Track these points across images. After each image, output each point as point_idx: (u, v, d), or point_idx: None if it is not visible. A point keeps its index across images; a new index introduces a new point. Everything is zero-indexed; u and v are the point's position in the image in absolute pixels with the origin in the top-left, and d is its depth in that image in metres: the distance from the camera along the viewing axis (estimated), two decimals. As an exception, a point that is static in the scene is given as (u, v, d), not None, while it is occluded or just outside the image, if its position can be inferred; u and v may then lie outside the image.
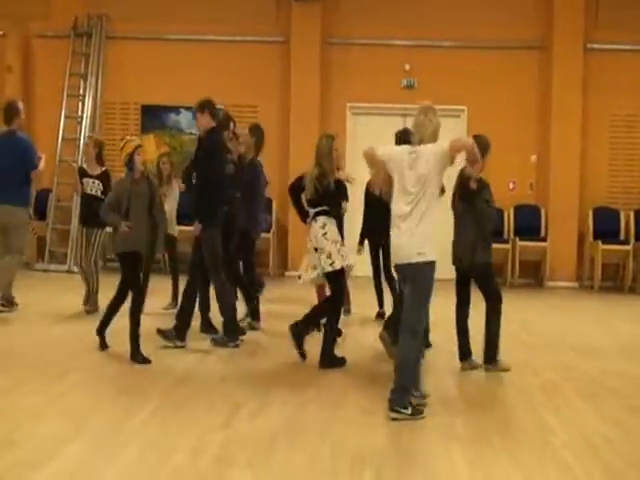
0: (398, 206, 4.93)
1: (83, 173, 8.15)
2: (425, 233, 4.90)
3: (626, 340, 7.88)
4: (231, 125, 7.31)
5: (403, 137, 6.67)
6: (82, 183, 8.07)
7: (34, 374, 5.68)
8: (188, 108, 11.95)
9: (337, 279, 6.29)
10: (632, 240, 11.45)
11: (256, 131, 7.81)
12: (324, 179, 6.30)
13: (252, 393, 5.36)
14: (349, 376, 6.00)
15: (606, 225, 11.59)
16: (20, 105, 8.20)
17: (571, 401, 5.46)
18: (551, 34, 11.74)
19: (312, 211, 6.41)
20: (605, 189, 11.93)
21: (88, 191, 8.03)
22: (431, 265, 4.95)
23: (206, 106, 6.70)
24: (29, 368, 5.85)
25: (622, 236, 11.64)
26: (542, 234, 11.70)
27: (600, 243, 11.28)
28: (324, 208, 6.34)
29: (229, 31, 11.90)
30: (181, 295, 6.88)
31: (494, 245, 12.17)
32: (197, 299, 6.88)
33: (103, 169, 8.11)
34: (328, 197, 6.35)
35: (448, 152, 4.93)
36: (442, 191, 5.46)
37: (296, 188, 6.85)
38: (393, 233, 4.97)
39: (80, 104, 12.19)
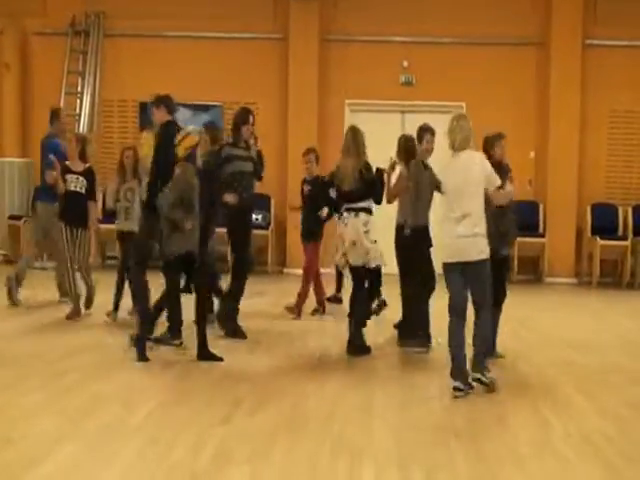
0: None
1: (66, 170, 7.98)
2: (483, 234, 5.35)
3: (625, 335, 7.89)
4: (250, 119, 7.29)
5: (407, 143, 7.23)
6: (65, 180, 7.92)
7: (32, 372, 5.68)
8: (186, 105, 11.93)
9: (366, 275, 6.62)
10: (630, 236, 11.45)
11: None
12: (369, 169, 6.60)
13: (251, 389, 5.36)
14: (348, 373, 6.00)
15: (604, 221, 11.60)
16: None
17: (570, 397, 5.46)
18: (549, 30, 11.73)
19: (350, 205, 6.53)
20: (603, 185, 11.93)
21: (72, 188, 7.86)
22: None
23: (162, 101, 6.83)
24: (27, 366, 5.85)
25: (620, 232, 11.65)
26: (540, 230, 11.70)
27: (598, 239, 11.28)
28: (365, 205, 6.54)
29: (227, 28, 11.89)
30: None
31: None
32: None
33: (87, 165, 8.00)
34: (374, 186, 6.56)
35: (490, 191, 5.45)
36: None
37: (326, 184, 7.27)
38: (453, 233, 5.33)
39: (78, 102, 12.18)
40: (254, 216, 11.44)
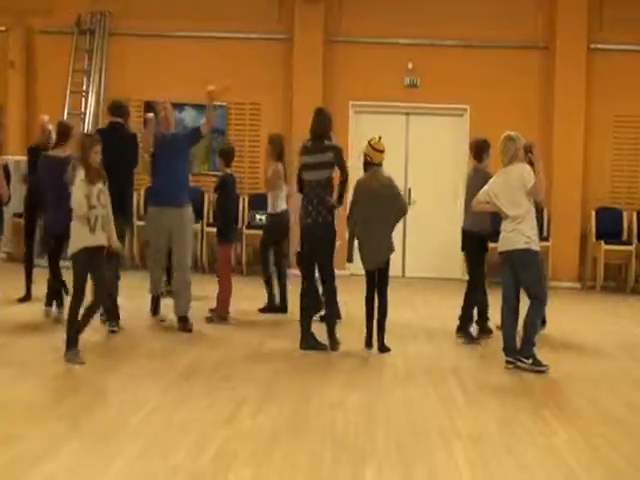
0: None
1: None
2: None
3: (629, 340, 7.87)
4: None
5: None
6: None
7: (36, 370, 5.68)
8: (191, 105, 11.95)
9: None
10: (635, 241, 11.42)
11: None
12: None
13: (254, 390, 5.35)
14: (351, 374, 5.99)
15: (609, 225, 11.57)
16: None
17: (573, 401, 5.45)
18: (554, 34, 11.71)
19: None
20: (608, 189, 11.91)
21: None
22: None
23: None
24: (31, 364, 5.85)
25: (625, 236, 11.62)
26: (545, 234, 11.66)
27: (603, 243, 11.26)
28: None
29: (232, 29, 11.89)
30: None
31: (495, 244, 12.27)
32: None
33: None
34: None
35: (530, 190, 6.37)
36: None
37: None
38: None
39: (83, 101, 12.18)
40: (257, 216, 11.51)
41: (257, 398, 5.16)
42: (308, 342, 6.66)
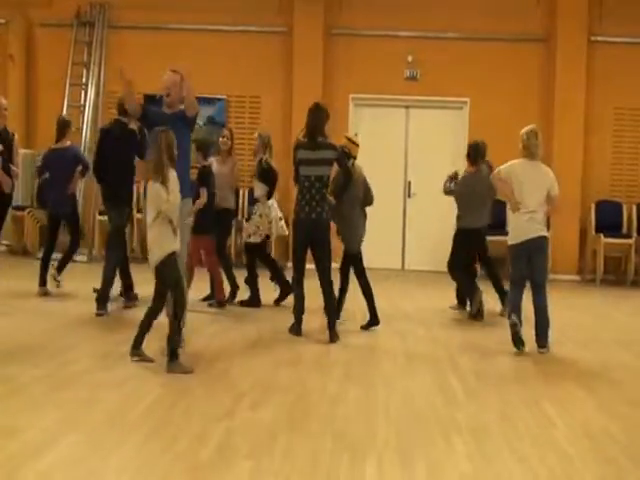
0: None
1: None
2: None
3: (628, 333, 7.88)
4: None
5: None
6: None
7: (36, 363, 5.68)
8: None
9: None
10: (634, 234, 11.44)
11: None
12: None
13: (254, 383, 5.36)
14: (350, 368, 6.00)
15: (608, 218, 11.58)
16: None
17: (572, 394, 5.46)
18: (555, 26, 11.70)
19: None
20: (608, 182, 11.91)
21: None
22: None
23: None
24: (31, 357, 5.86)
25: (624, 229, 11.64)
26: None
27: (602, 236, 11.27)
28: None
29: (232, 21, 11.87)
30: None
31: (496, 238, 12.32)
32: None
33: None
34: None
35: (552, 196, 6.95)
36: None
37: None
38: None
39: (83, 93, 12.18)
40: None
41: (257, 391, 5.17)
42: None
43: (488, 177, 7.58)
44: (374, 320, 7.38)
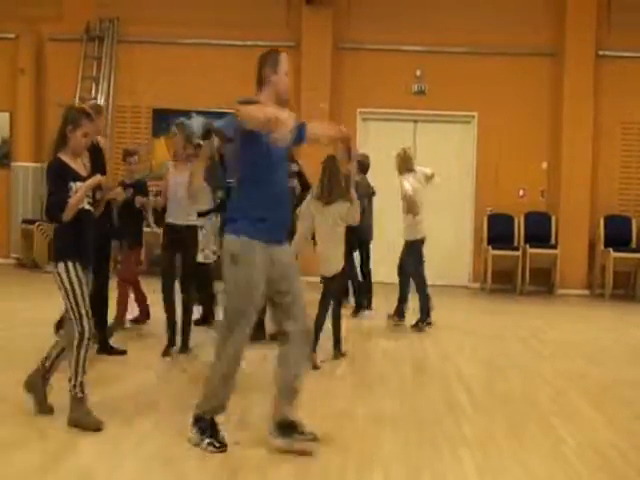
0: None
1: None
2: None
3: (638, 348, 7.83)
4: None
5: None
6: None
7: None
8: (199, 112, 11.95)
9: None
10: (644, 248, 11.39)
11: None
12: None
13: (262, 397, 5.34)
14: (357, 381, 5.98)
15: (617, 233, 11.54)
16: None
17: (581, 409, 5.42)
18: (563, 40, 11.70)
19: None
20: (617, 197, 11.88)
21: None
22: None
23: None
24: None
25: (634, 244, 11.59)
26: (553, 241, 11.65)
27: (611, 251, 11.22)
28: None
29: (240, 35, 11.92)
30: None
31: (504, 252, 12.20)
32: None
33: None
34: None
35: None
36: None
37: None
38: None
39: (92, 107, 12.23)
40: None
41: (264, 403, 5.15)
42: None
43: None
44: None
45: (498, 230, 11.65)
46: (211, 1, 12.08)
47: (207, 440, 4.21)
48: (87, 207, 4.64)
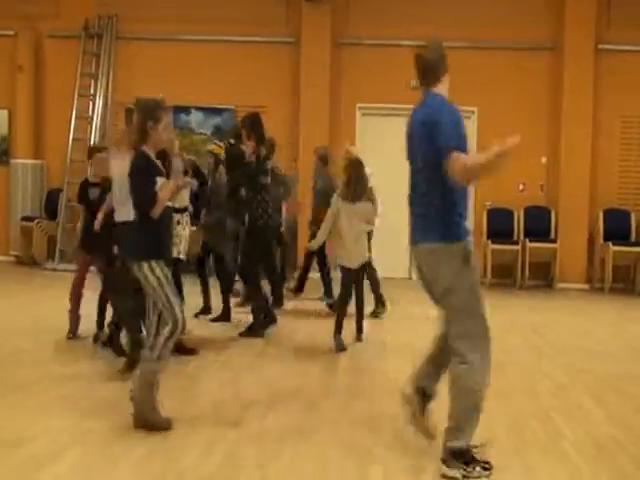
0: None
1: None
2: None
3: (637, 342, 7.84)
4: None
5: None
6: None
7: (44, 373, 5.69)
8: (199, 108, 11.99)
9: None
10: (643, 241, 11.39)
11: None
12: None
13: (261, 393, 5.36)
14: (357, 378, 5.99)
15: (617, 226, 11.54)
16: None
17: (581, 403, 5.43)
18: (562, 35, 11.68)
19: None
20: (616, 190, 11.87)
21: None
22: None
23: None
24: (39, 367, 5.87)
25: (633, 238, 11.59)
26: (552, 235, 11.65)
27: (611, 245, 11.22)
28: None
29: (239, 31, 11.91)
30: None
31: (504, 246, 12.17)
32: None
33: None
34: None
35: None
36: None
37: None
38: None
39: (91, 104, 12.23)
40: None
41: (264, 401, 5.17)
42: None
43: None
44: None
45: (498, 224, 11.65)
46: (210, -3, 12.07)
47: (477, 467, 3.97)
48: (169, 204, 4.68)
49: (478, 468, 3.95)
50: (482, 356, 3.93)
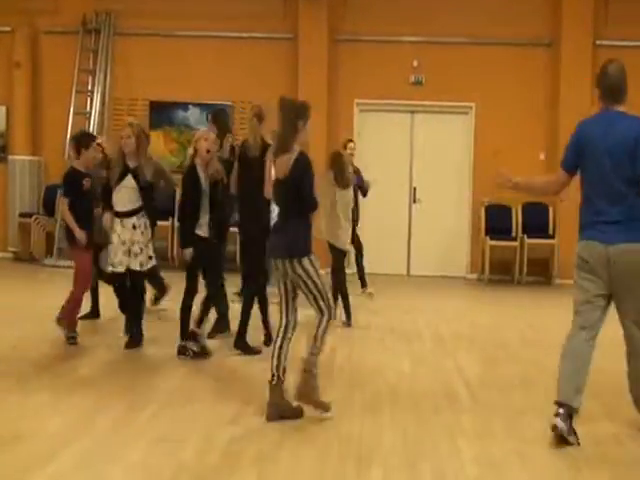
0: None
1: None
2: None
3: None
4: None
5: None
6: None
7: (41, 370, 5.70)
8: (196, 104, 11.97)
9: None
10: (641, 238, 11.39)
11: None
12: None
13: (260, 389, 5.35)
14: (355, 374, 5.99)
15: (615, 223, 11.53)
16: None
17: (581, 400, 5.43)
18: (560, 30, 11.67)
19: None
20: (614, 187, 11.87)
21: None
22: None
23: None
24: (36, 364, 5.87)
25: (631, 234, 11.59)
26: (550, 232, 11.66)
27: (609, 241, 11.22)
28: None
29: (237, 28, 11.89)
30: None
31: (502, 243, 12.17)
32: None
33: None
34: None
35: None
36: None
37: None
38: None
39: (88, 100, 12.21)
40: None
41: (262, 397, 5.16)
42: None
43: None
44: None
45: (496, 221, 11.65)
46: (207, -7, 12.05)
47: None
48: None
49: None
50: None
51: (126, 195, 6.39)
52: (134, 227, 6.38)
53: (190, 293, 6.27)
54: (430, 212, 11.86)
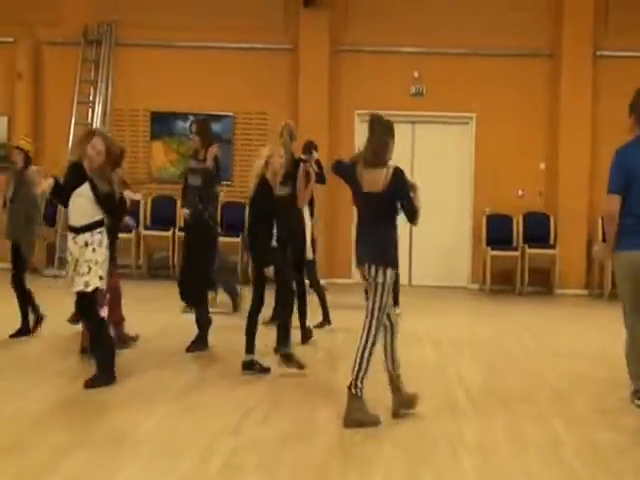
0: None
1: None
2: None
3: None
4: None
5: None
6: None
7: (42, 380, 5.69)
8: (197, 115, 11.99)
9: None
10: (642, 248, 11.38)
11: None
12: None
13: (262, 399, 5.35)
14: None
15: (616, 233, 11.53)
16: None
17: (581, 410, 5.43)
18: (560, 41, 11.71)
19: None
20: (615, 197, 11.86)
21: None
22: None
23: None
24: (37, 374, 5.86)
25: (632, 244, 11.58)
26: (551, 242, 11.66)
27: (610, 251, 11.21)
28: None
29: (238, 38, 11.93)
30: None
31: (503, 253, 12.15)
32: None
33: None
34: None
35: None
36: None
37: None
38: None
39: (90, 111, 12.24)
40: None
41: (263, 407, 5.16)
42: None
43: None
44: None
45: (497, 231, 11.65)
46: (209, 5, 12.08)
47: None
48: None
49: None
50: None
51: (81, 207, 5.69)
52: (86, 244, 5.62)
53: (258, 306, 6.20)
54: (431, 222, 11.85)
